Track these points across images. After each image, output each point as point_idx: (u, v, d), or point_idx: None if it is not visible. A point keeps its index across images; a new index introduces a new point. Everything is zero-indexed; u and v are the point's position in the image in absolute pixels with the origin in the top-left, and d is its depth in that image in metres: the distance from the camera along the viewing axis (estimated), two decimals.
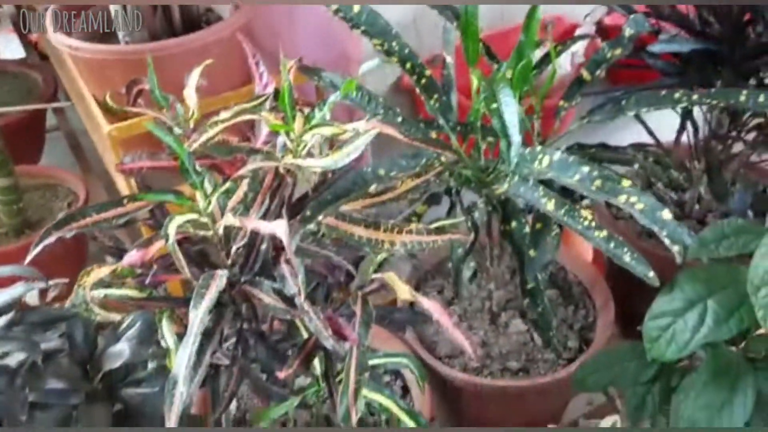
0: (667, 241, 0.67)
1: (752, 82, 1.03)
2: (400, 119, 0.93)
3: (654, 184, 1.30)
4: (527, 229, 0.94)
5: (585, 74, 0.97)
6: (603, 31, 1.31)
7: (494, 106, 0.71)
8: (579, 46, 1.29)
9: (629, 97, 0.90)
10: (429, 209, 1.04)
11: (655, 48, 0.93)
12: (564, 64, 1.28)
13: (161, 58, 1.08)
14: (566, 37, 1.34)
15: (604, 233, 0.74)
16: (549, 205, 0.78)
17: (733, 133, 1.07)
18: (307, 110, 0.75)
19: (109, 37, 1.21)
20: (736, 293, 0.68)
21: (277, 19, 1.42)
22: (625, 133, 1.13)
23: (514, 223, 0.96)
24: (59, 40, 1.15)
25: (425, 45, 1.24)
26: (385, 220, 0.79)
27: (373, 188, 0.78)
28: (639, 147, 1.03)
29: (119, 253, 0.80)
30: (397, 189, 0.84)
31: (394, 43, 0.89)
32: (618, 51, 0.96)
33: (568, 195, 0.81)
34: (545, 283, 0.99)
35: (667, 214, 0.68)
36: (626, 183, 0.70)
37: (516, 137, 0.69)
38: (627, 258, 0.73)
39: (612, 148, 0.99)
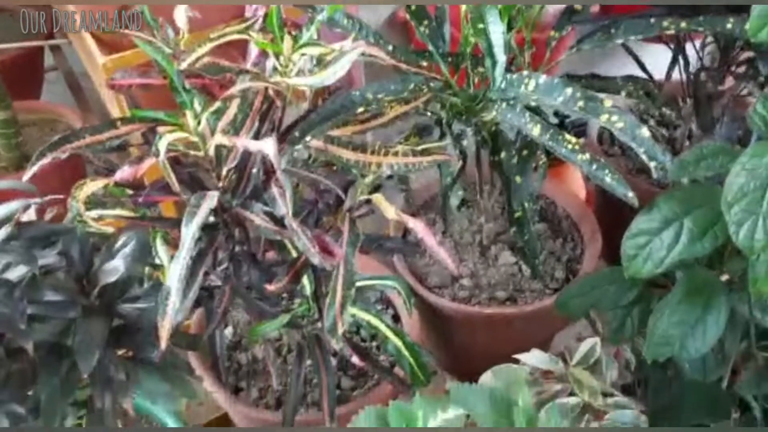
0: (644, 158, 0.69)
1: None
2: (390, 47, 0.94)
3: (646, 121, 1.31)
4: (516, 160, 0.96)
5: (576, 6, 0.97)
6: None
7: (480, 26, 0.72)
8: None
9: (618, 25, 0.91)
10: (420, 140, 1.06)
11: None
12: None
13: None
14: None
15: (587, 156, 0.76)
16: (535, 130, 0.80)
17: (723, 68, 1.08)
18: (300, 28, 0.76)
19: None
20: (712, 212, 0.70)
21: None
22: (618, 70, 1.14)
23: (503, 154, 0.98)
24: None
25: None
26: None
27: (361, 112, 0.80)
28: (630, 78, 1.04)
29: (113, 174, 0.83)
30: (386, 115, 0.85)
31: None
32: None
33: None
34: (532, 212, 1.01)
35: (645, 132, 0.69)
36: (608, 103, 0.71)
37: (501, 57, 0.70)
38: (608, 179, 0.74)
39: (602, 78, 1.00)
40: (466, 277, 1.15)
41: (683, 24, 0.87)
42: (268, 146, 0.66)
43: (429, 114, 0.96)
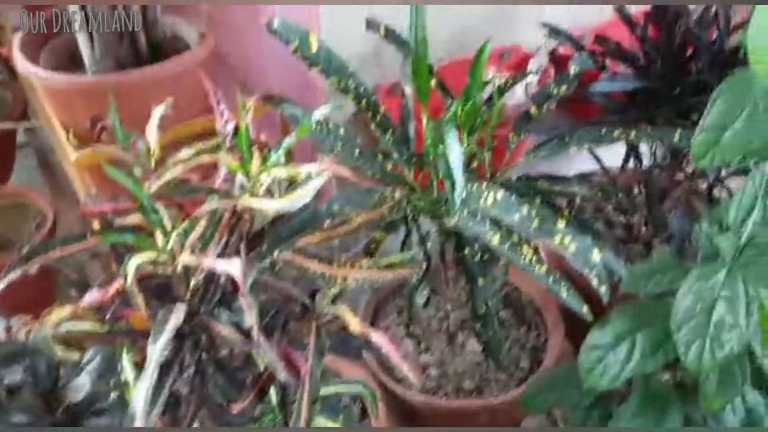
0: (594, 283, 0.72)
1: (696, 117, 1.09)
2: (357, 152, 0.97)
3: (604, 207, 1.36)
4: (478, 258, 0.99)
5: (533, 109, 1.02)
6: (556, 61, 1.36)
7: (441, 148, 0.75)
8: (533, 77, 1.34)
9: (572, 133, 0.95)
10: (388, 235, 1.09)
11: (597, 87, 0.98)
12: (519, 93, 1.33)
13: (127, 88, 1.12)
14: (523, 64, 1.41)
15: (544, 269, 0.79)
16: (494, 240, 0.83)
17: (675, 165, 1.13)
18: (269, 147, 0.79)
19: (76, 62, 1.23)
20: (663, 328, 0.73)
21: (247, 45, 1.45)
22: (577, 156, 1.19)
23: (466, 250, 1.01)
24: (26, 68, 1.17)
25: (387, 74, 1.28)
26: (341, 252, 0.83)
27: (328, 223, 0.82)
28: (584, 177, 1.08)
29: (84, 286, 0.84)
30: (353, 222, 0.88)
31: (350, 81, 0.93)
32: (563, 88, 1.01)
33: None
34: (496, 308, 1.04)
35: (596, 256, 0.73)
36: (561, 224, 0.75)
37: (460, 181, 0.74)
38: (564, 294, 0.77)
39: (557, 180, 1.04)
40: (433, 366, 1.17)
41: (633, 135, 0.92)
42: (234, 268, 0.68)
43: (394, 212, 0.99)
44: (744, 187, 0.73)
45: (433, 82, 1.05)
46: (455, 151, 0.74)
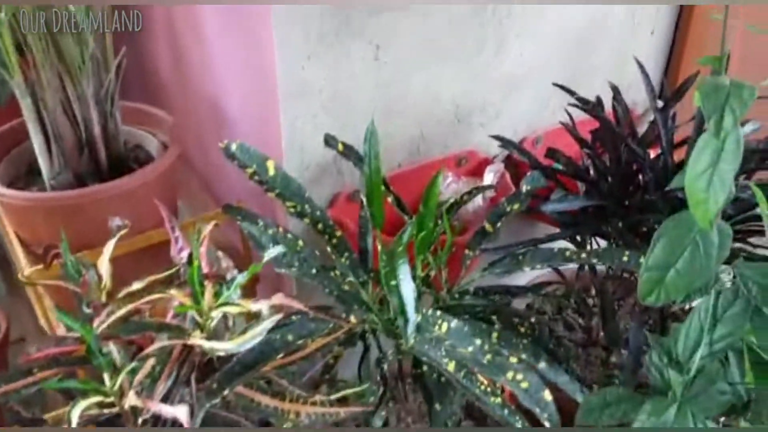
0: (547, 424, 0.72)
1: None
2: (314, 270, 0.98)
3: (564, 309, 1.37)
4: (435, 377, 0.99)
5: (487, 226, 1.03)
6: (513, 166, 1.39)
7: (393, 283, 0.76)
8: (491, 181, 1.37)
9: (526, 253, 0.97)
10: (346, 350, 1.08)
11: (547, 208, 1.01)
12: (476, 199, 1.35)
13: (86, 204, 1.11)
14: (480, 170, 1.43)
15: (498, 400, 0.79)
16: (450, 366, 0.83)
17: (626, 276, 1.15)
18: (224, 279, 0.79)
19: (34, 174, 1.23)
20: None
21: (212, 148, 1.47)
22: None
23: (425, 367, 1.01)
24: None
25: (347, 180, 1.30)
26: (298, 376, 0.83)
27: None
28: (538, 288, 1.10)
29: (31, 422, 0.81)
30: (308, 348, 0.88)
31: (306, 206, 0.94)
32: (516, 206, 1.03)
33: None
34: (457, 422, 1.02)
35: (548, 396, 0.73)
36: (514, 359, 0.75)
37: (413, 316, 0.74)
38: (518, 425, 0.77)
39: (514, 291, 1.05)
40: None
41: (583, 255, 0.94)
42: (181, 413, 0.67)
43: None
44: (690, 320, 0.75)
45: (389, 198, 1.07)
46: (408, 287, 0.75)
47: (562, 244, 1.12)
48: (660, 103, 1.09)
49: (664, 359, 0.76)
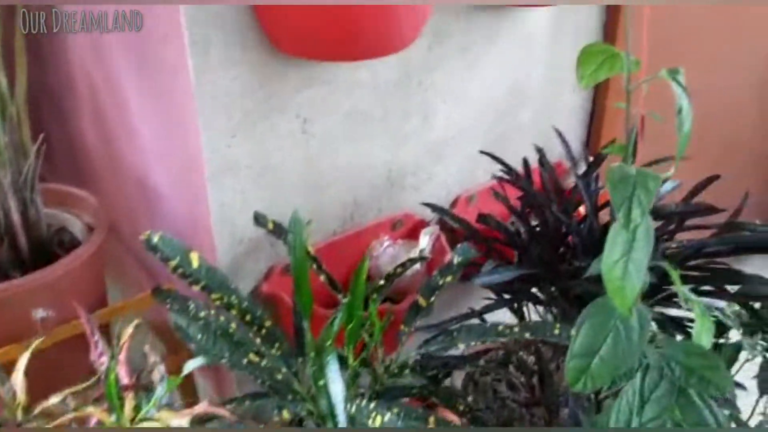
0: None
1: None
2: (245, 361, 0.95)
3: (507, 364, 1.38)
4: None
5: (421, 300, 1.03)
6: (448, 229, 1.40)
7: (322, 383, 0.75)
8: (426, 244, 1.38)
9: (460, 329, 0.97)
10: None
11: (479, 281, 1.01)
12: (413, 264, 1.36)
13: (7, 297, 1.07)
14: (416, 231, 1.44)
15: None
16: None
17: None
18: (146, 389, 0.76)
19: None
20: None
21: (142, 220, 1.44)
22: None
23: None
24: None
25: (281, 255, 1.29)
26: None
27: None
28: (477, 356, 1.10)
29: None
30: None
31: (233, 297, 0.92)
32: (449, 278, 1.04)
33: None
34: None
35: None
36: None
37: (343, 418, 0.73)
38: None
39: (452, 362, 1.05)
40: None
41: (516, 330, 0.95)
42: None
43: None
44: (619, 401, 0.76)
45: (322, 277, 1.06)
46: (337, 387, 0.74)
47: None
48: (581, 168, 1.12)
49: None
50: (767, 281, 0.95)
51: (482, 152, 1.24)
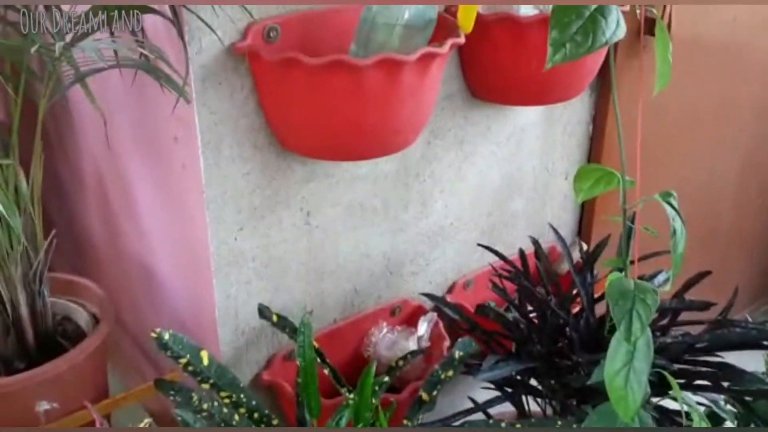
0: None
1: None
2: None
3: None
4: None
5: (424, 395, 1.05)
6: (445, 314, 1.43)
7: None
8: (425, 330, 1.40)
9: (463, 425, 0.99)
10: None
11: (482, 377, 1.04)
12: (411, 346, 1.38)
13: (12, 392, 1.08)
14: (414, 317, 1.47)
15: None
16: None
17: None
18: None
19: None
20: None
21: (146, 312, 1.46)
22: None
23: None
24: None
25: (283, 342, 1.31)
26: None
27: None
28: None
29: None
30: None
31: (242, 395, 0.94)
32: (450, 372, 1.06)
33: None
34: None
35: None
36: None
37: None
38: None
39: None
40: None
41: (518, 426, 0.97)
42: None
43: None
44: None
45: (326, 371, 1.08)
46: None
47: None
48: (575, 252, 1.16)
49: None
50: (761, 379, 0.98)
51: (480, 245, 1.28)
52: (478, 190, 1.51)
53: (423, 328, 1.42)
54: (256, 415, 0.94)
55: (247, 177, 1.14)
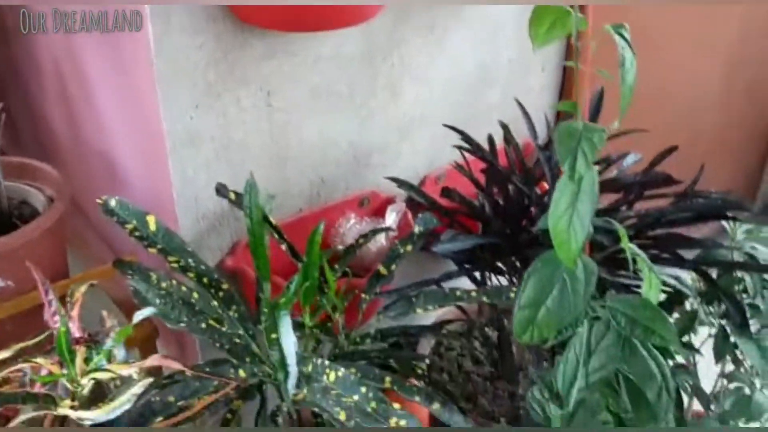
0: None
1: None
2: (204, 325, 0.95)
3: (474, 338, 1.39)
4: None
5: (382, 269, 1.04)
6: (415, 205, 1.41)
7: (274, 336, 0.75)
8: (393, 221, 1.38)
9: (419, 294, 0.97)
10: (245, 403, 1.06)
11: (437, 249, 1.01)
12: (380, 239, 1.36)
13: None
14: (383, 209, 1.44)
15: None
16: (341, 415, 0.82)
17: None
18: (96, 343, 0.76)
19: None
20: None
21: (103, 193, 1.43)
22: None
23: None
24: None
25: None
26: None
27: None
28: (437, 326, 1.10)
29: None
30: (194, 408, 0.85)
31: (190, 260, 0.92)
32: (409, 247, 1.04)
33: None
34: None
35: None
36: (397, 406, 0.75)
37: (294, 370, 0.73)
38: None
39: (412, 331, 1.05)
40: None
41: (473, 294, 0.95)
42: None
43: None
44: (567, 353, 0.76)
45: (283, 246, 1.06)
46: (290, 338, 0.74)
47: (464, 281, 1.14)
48: (543, 141, 1.13)
49: (545, 394, 0.77)
50: (721, 245, 0.96)
51: (446, 125, 1.24)
52: (450, 79, 1.46)
53: (391, 218, 1.40)
54: (205, 279, 0.93)
55: (200, 50, 1.09)
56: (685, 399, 1.11)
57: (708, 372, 1.11)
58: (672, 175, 1.05)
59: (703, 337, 1.09)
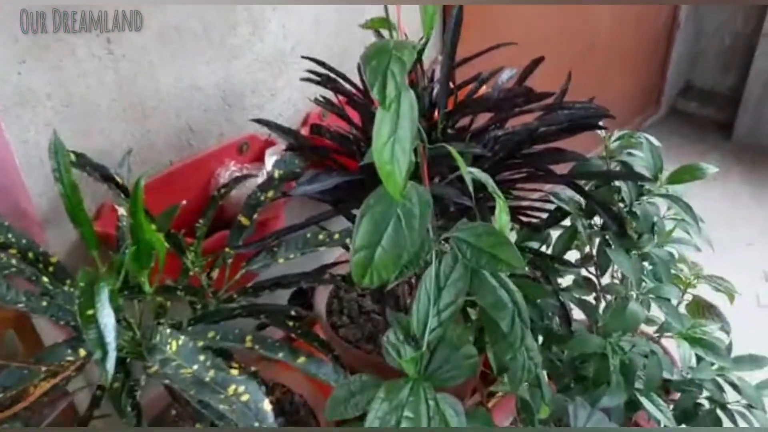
0: None
1: None
2: (44, 303, 0.87)
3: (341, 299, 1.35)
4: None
5: (243, 220, 0.96)
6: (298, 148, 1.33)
7: (90, 312, 0.67)
8: (271, 164, 1.30)
9: (280, 244, 0.91)
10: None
11: (296, 192, 0.94)
12: (251, 186, 1.28)
13: None
14: (263, 151, 1.36)
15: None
16: (190, 391, 0.75)
17: None
18: None
19: None
20: None
21: None
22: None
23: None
24: None
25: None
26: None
27: None
28: (323, 268, 1.05)
29: None
30: (32, 394, 0.78)
31: (10, 235, 0.83)
32: (270, 193, 0.97)
33: None
34: None
35: (267, 405, 0.67)
36: (235, 372, 0.69)
37: (113, 350, 0.66)
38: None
39: (285, 282, 0.99)
40: None
41: (336, 236, 0.89)
42: None
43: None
44: (418, 293, 0.71)
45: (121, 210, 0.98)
46: (108, 315, 0.67)
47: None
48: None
49: (400, 336, 0.72)
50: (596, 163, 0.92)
51: (304, 57, 1.15)
52: (321, 7, 1.36)
53: (270, 162, 1.32)
54: (30, 254, 0.84)
55: None
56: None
57: None
58: (534, 88, 0.99)
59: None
